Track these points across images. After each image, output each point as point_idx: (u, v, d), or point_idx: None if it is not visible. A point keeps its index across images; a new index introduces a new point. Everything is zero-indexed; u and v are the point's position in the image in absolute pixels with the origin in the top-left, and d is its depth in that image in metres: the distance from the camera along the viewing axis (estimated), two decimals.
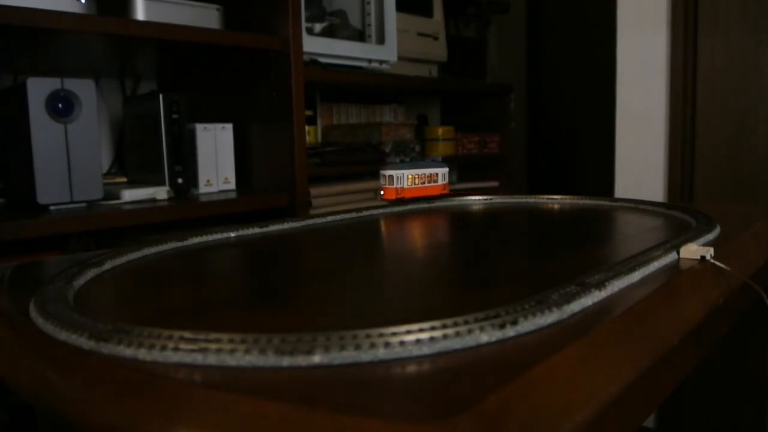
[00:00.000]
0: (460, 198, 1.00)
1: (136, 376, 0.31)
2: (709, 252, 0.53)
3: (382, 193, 0.91)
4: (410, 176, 0.90)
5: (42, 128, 0.94)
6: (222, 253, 0.64)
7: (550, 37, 2.55)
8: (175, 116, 1.13)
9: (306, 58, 1.38)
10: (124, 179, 1.26)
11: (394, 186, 0.90)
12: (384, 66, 1.65)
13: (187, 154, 1.16)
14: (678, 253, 0.54)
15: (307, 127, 1.45)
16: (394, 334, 0.33)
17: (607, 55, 1.64)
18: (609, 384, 0.34)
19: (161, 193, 1.11)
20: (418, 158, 0.87)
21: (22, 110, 0.94)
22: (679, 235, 0.60)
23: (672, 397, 1.18)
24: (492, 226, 0.78)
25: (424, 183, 0.92)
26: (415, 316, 0.40)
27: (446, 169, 0.96)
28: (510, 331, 0.35)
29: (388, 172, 0.90)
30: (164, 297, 0.47)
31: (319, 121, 1.79)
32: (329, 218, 0.81)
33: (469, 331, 0.34)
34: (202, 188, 1.21)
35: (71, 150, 0.97)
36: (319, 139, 1.79)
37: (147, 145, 1.17)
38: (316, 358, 0.31)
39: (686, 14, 1.44)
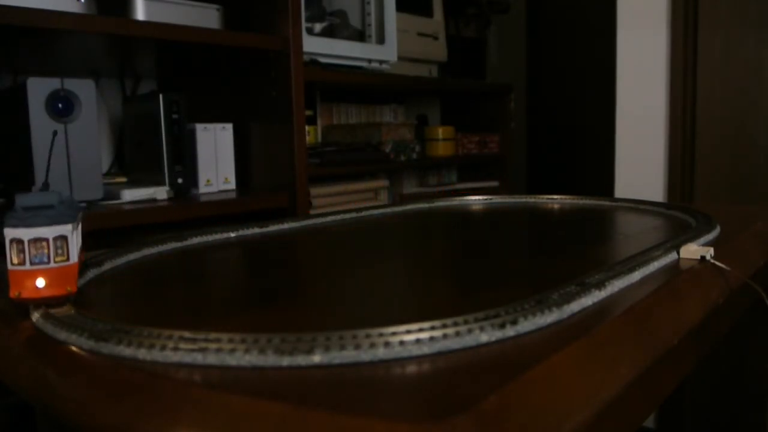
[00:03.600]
0: (460, 198, 1.00)
1: (136, 376, 0.31)
2: (709, 252, 0.53)
3: None
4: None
5: (42, 128, 0.94)
6: (222, 253, 0.64)
7: (550, 37, 2.55)
8: (175, 116, 1.13)
9: (306, 58, 1.38)
10: (124, 179, 1.26)
11: None
12: (384, 66, 1.65)
13: (187, 154, 1.16)
14: (678, 253, 0.54)
15: (307, 127, 1.45)
16: (394, 333, 0.33)
17: (607, 55, 1.64)
18: (609, 384, 0.34)
19: (161, 193, 1.11)
20: (29, 194, 0.42)
21: (22, 110, 0.94)
22: (679, 235, 0.60)
23: (672, 397, 1.18)
24: (492, 226, 0.77)
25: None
26: (415, 315, 0.40)
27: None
28: (510, 331, 0.35)
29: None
30: (164, 297, 0.47)
31: (319, 121, 1.79)
32: (329, 218, 0.81)
33: (469, 331, 0.34)
34: (202, 188, 1.21)
35: (71, 150, 0.97)
36: (319, 139, 1.79)
37: (147, 145, 1.17)
38: (316, 358, 0.31)
39: (686, 14, 1.44)
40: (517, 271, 0.52)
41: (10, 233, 0.39)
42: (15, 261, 0.39)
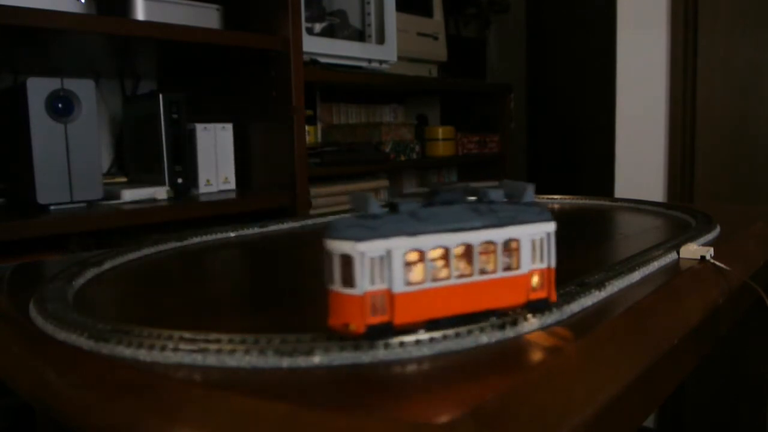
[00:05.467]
0: None
1: (136, 376, 0.31)
2: (709, 252, 0.53)
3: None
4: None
5: (42, 128, 0.94)
6: (222, 253, 0.63)
7: (550, 37, 2.55)
8: (175, 116, 1.13)
9: (306, 58, 1.38)
10: (124, 179, 1.26)
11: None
12: (384, 66, 1.65)
13: (187, 154, 1.16)
14: (678, 253, 0.54)
15: (307, 127, 1.45)
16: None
17: (606, 55, 1.64)
18: (609, 384, 0.34)
19: (161, 193, 1.11)
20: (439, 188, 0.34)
21: (22, 110, 0.94)
22: (679, 235, 0.60)
23: (672, 397, 1.18)
24: None
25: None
26: None
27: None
28: (510, 332, 0.35)
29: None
30: (164, 297, 0.47)
31: (319, 121, 1.79)
32: (329, 218, 0.81)
33: (469, 332, 0.34)
34: (202, 188, 1.21)
35: (71, 150, 0.97)
36: (319, 139, 1.79)
37: (147, 145, 1.17)
38: (316, 359, 0.31)
39: (686, 14, 1.44)
40: None
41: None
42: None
